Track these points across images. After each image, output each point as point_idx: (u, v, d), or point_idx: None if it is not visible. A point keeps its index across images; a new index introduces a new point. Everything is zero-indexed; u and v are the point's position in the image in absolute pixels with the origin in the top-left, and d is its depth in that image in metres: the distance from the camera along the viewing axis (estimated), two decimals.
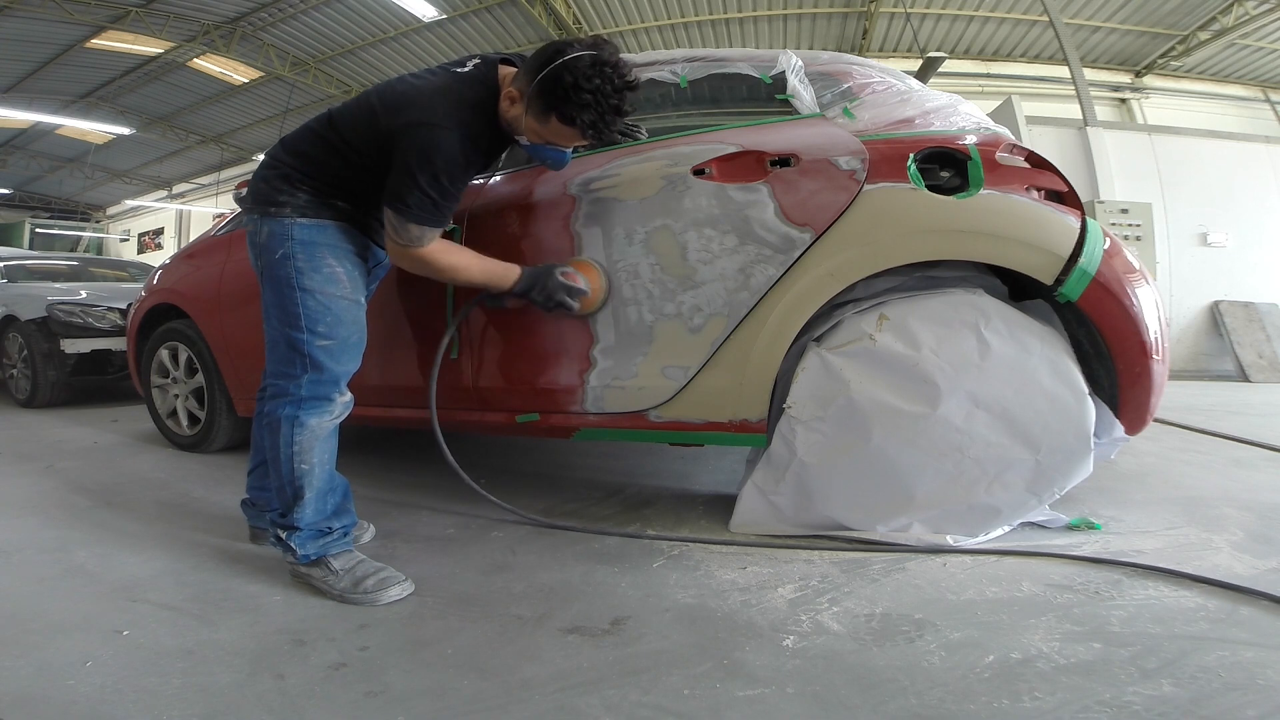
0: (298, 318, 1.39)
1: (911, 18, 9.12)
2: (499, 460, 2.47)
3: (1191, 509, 1.79)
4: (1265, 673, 1.01)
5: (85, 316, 3.93)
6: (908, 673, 1.04)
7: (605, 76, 1.32)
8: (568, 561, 1.54)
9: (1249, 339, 5.57)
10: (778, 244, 1.60)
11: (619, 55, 1.37)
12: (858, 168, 1.58)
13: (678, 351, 1.69)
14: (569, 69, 1.32)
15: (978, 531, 1.56)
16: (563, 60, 1.32)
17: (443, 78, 1.42)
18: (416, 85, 1.40)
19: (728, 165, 1.67)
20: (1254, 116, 10.56)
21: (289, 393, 1.40)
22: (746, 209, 1.63)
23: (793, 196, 1.61)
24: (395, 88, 1.41)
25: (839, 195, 1.58)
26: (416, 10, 9.74)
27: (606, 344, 1.74)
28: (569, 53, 1.33)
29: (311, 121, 1.48)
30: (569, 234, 1.75)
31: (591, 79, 1.31)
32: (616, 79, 1.33)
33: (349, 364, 1.46)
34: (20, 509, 1.96)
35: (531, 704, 0.99)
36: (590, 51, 1.33)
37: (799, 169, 1.62)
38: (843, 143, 1.62)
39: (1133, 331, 1.48)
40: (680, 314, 1.68)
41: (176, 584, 1.44)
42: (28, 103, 12.46)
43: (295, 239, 1.39)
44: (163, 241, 20.26)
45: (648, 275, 1.70)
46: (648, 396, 1.71)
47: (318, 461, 1.40)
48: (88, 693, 1.02)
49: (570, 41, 1.36)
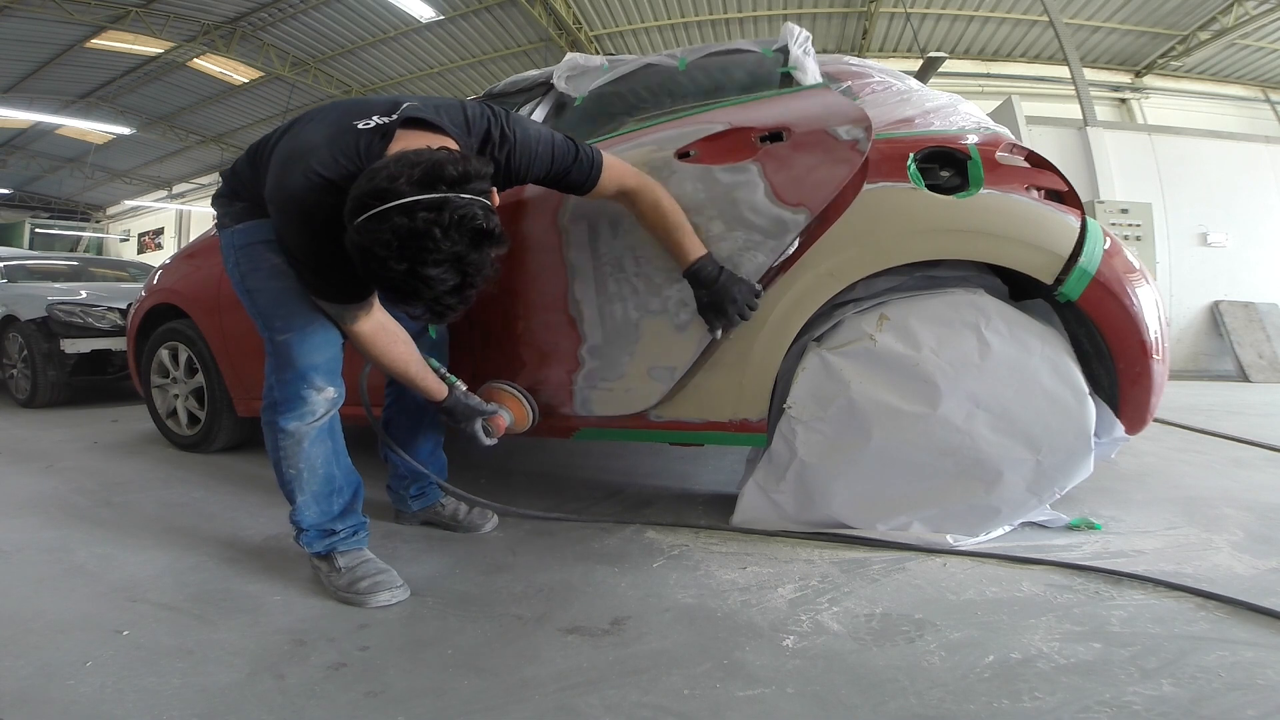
0: (258, 318, 1.38)
1: (911, 18, 9.12)
2: (499, 460, 2.47)
3: (1191, 509, 1.79)
4: (1265, 673, 1.01)
5: (85, 316, 3.94)
6: (908, 673, 1.04)
7: (421, 249, 1.01)
8: (568, 561, 1.53)
9: (1249, 339, 5.57)
10: (768, 228, 1.51)
11: (461, 208, 1.03)
12: (860, 137, 1.49)
13: (664, 351, 1.64)
14: (360, 231, 1.03)
15: (978, 531, 1.56)
16: (361, 219, 1.03)
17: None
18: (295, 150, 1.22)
19: (714, 145, 1.58)
20: (1254, 116, 10.56)
21: (267, 396, 1.39)
22: (734, 191, 1.54)
23: (785, 174, 1.52)
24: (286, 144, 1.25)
25: (838, 169, 1.49)
26: (416, 10, 9.75)
27: (593, 343, 1.71)
28: (387, 200, 1.01)
29: (258, 140, 1.39)
30: (556, 229, 1.71)
31: (388, 259, 1.02)
32: (441, 250, 1.02)
33: (316, 355, 1.34)
34: (20, 509, 1.96)
35: (531, 704, 0.99)
36: (420, 205, 1.00)
37: (792, 143, 1.53)
38: (842, 110, 1.53)
39: (1133, 331, 1.48)
40: (666, 309, 1.62)
41: (176, 584, 1.44)
42: (28, 103, 12.46)
43: (235, 246, 1.38)
44: (163, 241, 20.26)
45: (632, 269, 1.64)
46: (635, 400, 1.68)
47: (305, 466, 1.38)
48: (88, 693, 1.02)
49: (398, 178, 1.02)
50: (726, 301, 1.50)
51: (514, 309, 1.79)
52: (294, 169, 1.17)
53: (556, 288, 1.73)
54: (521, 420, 1.70)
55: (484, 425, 1.57)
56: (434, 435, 1.77)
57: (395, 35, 10.72)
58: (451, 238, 1.02)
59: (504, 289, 1.80)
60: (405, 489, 1.77)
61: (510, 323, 1.80)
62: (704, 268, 1.50)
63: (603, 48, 10.28)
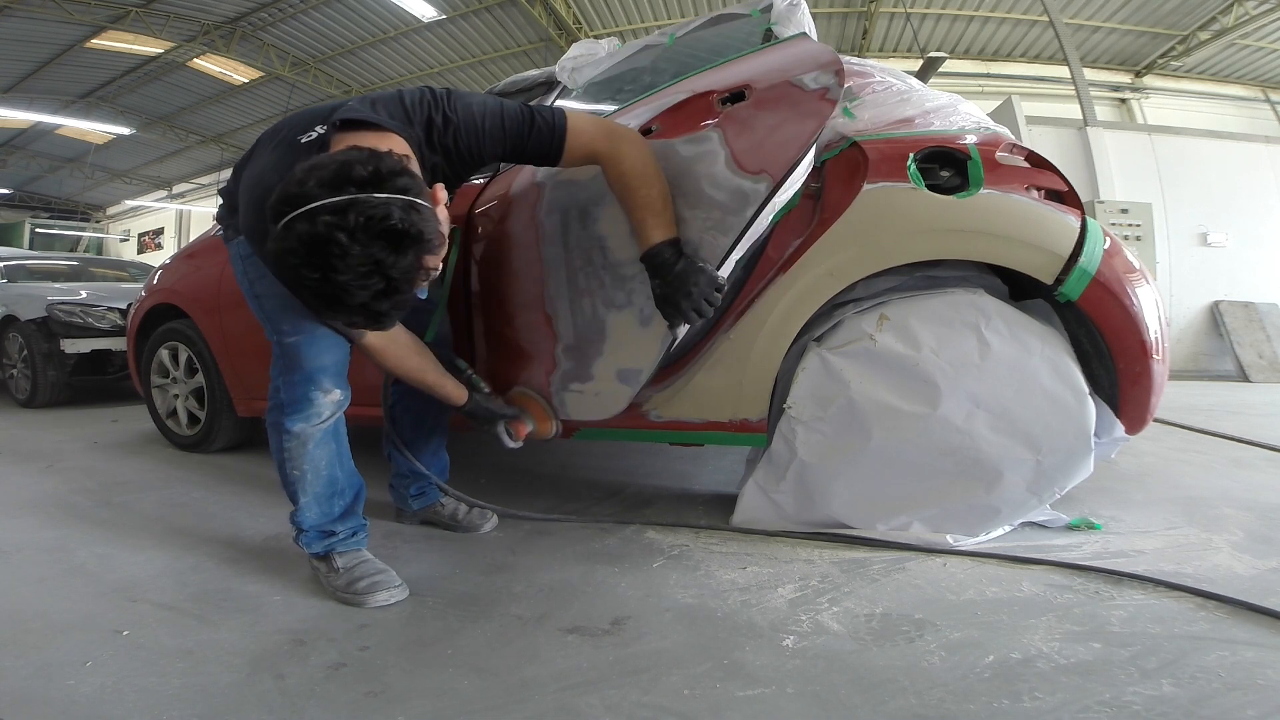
0: (266, 322, 1.39)
1: (911, 18, 9.12)
2: (499, 459, 2.47)
3: (1191, 509, 1.79)
4: (1265, 673, 1.01)
5: (85, 316, 3.94)
6: (908, 673, 1.04)
7: (328, 254, 0.95)
8: (568, 561, 1.53)
9: (1249, 339, 5.57)
10: (727, 203, 1.34)
11: (373, 209, 0.96)
12: (830, 84, 1.32)
13: (630, 351, 1.55)
14: (274, 239, 0.98)
15: (978, 531, 1.56)
16: (276, 227, 0.98)
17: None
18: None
19: (675, 117, 1.45)
20: (1254, 116, 10.57)
21: (274, 397, 1.40)
22: (694, 164, 1.38)
23: (747, 138, 1.35)
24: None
25: (804, 123, 1.33)
26: (416, 10, 9.75)
27: (567, 343, 1.64)
28: (296, 206, 0.96)
29: (240, 159, 1.41)
30: (534, 225, 1.66)
31: (299, 267, 0.97)
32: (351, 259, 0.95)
33: (324, 357, 1.34)
34: (20, 509, 1.96)
35: (531, 704, 0.99)
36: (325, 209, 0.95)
37: (754, 100, 1.37)
38: (809, 55, 1.37)
39: (1133, 331, 1.48)
40: (631, 303, 1.51)
41: (176, 584, 1.44)
42: (28, 103, 12.47)
43: (241, 255, 1.39)
44: (163, 241, 20.27)
45: (600, 261, 1.55)
46: (605, 404, 1.62)
47: (309, 468, 1.38)
48: (88, 693, 1.02)
49: (306, 182, 0.98)
50: (680, 295, 1.32)
51: (497, 309, 1.77)
52: (252, 203, 1.21)
53: (534, 285, 1.69)
54: (545, 428, 1.70)
55: (506, 428, 1.59)
56: (438, 435, 1.78)
57: (395, 35, 10.72)
58: (360, 241, 0.95)
59: (488, 289, 1.80)
60: (406, 488, 1.78)
61: (494, 324, 1.79)
62: (660, 253, 1.32)
63: None
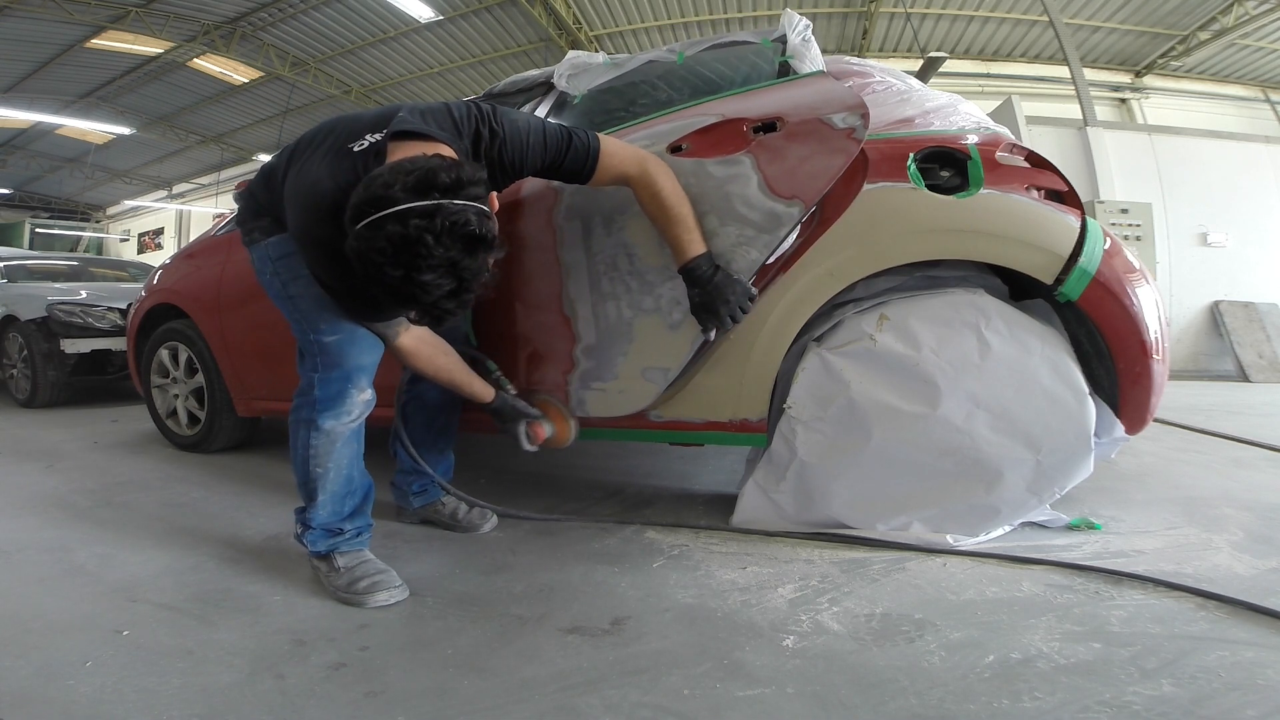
0: (300, 321, 1.39)
1: (911, 18, 9.12)
2: (499, 459, 2.47)
3: (1191, 509, 1.79)
4: (1265, 673, 1.01)
5: (85, 316, 3.94)
6: (908, 673, 1.04)
7: (415, 255, 1.03)
8: (568, 561, 1.53)
9: (1249, 339, 5.57)
10: (761, 222, 1.47)
11: (454, 215, 1.04)
12: (856, 124, 1.46)
13: (658, 351, 1.62)
14: (358, 238, 1.05)
15: (978, 531, 1.56)
16: (359, 226, 1.05)
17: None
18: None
19: (706, 138, 1.55)
20: (1254, 116, 10.56)
21: (307, 393, 1.41)
22: (727, 185, 1.50)
23: (778, 165, 1.48)
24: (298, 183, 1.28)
25: (834, 159, 1.46)
26: (415, 11, 9.75)
27: (588, 343, 1.69)
28: (382, 207, 1.03)
29: (269, 164, 1.41)
30: (551, 228, 1.70)
31: (384, 265, 1.04)
32: (436, 254, 1.03)
33: (364, 356, 1.39)
34: (20, 509, 1.96)
35: (531, 704, 0.99)
36: (415, 213, 1.02)
37: (785, 133, 1.50)
38: (837, 97, 1.50)
39: (1133, 331, 1.48)
40: (659, 308, 1.60)
41: (176, 584, 1.44)
42: (28, 103, 12.46)
43: (271, 257, 1.40)
44: (163, 241, 20.27)
45: (625, 267, 1.61)
46: (629, 401, 1.67)
47: (333, 465, 1.40)
48: (88, 693, 1.02)
49: (393, 185, 1.04)
50: (719, 302, 1.45)
51: (510, 309, 1.78)
52: (307, 205, 1.24)
53: (551, 287, 1.72)
54: (562, 436, 1.72)
55: (526, 431, 1.62)
56: (447, 436, 1.79)
57: (395, 35, 10.72)
58: (444, 244, 1.04)
59: (500, 290, 1.80)
60: (408, 485, 1.78)
61: (507, 323, 1.80)
62: (699, 266, 1.46)
63: (603, 48, 10.28)
